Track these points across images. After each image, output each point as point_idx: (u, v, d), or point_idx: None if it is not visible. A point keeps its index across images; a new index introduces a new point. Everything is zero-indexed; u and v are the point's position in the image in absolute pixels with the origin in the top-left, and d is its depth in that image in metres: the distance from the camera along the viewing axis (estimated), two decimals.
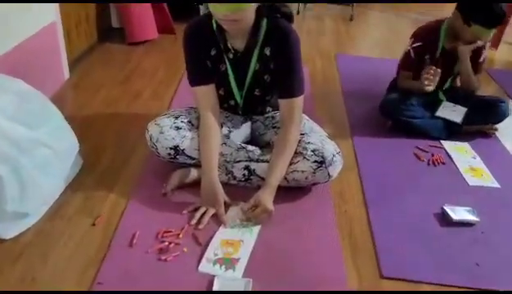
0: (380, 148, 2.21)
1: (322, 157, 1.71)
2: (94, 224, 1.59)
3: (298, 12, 4.31)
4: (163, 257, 1.46)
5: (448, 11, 2.28)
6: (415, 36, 2.31)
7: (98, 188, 1.78)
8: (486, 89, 2.86)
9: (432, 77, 2.13)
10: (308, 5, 4.60)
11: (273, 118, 1.98)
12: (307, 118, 1.94)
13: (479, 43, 2.20)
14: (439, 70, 2.15)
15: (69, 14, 2.76)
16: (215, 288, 1.35)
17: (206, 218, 1.62)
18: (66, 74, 2.67)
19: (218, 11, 1.56)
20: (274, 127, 1.94)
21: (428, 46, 2.27)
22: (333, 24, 4.18)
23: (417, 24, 4.27)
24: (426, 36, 2.28)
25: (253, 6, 1.60)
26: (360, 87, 2.84)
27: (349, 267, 1.50)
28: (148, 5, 3.30)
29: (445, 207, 1.76)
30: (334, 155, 1.73)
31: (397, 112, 2.26)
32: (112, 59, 3.08)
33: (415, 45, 2.28)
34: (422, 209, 1.79)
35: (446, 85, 2.35)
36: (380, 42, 3.91)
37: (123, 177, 1.86)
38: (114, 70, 2.90)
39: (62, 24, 2.60)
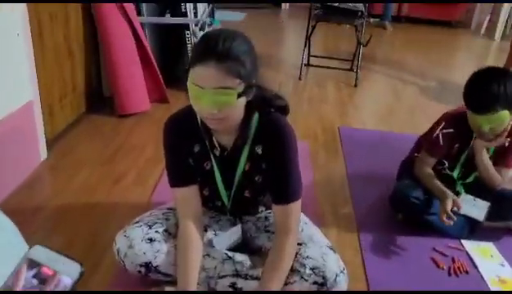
0: (392, 250, 1.91)
1: (323, 277, 1.43)
2: None
3: (300, 78, 4.13)
4: None
5: (455, 76, 2.04)
6: (447, 121, 2.03)
7: None
8: None
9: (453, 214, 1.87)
10: (312, 62, 4.43)
11: (266, 218, 1.71)
12: (305, 219, 1.67)
13: (499, 141, 1.93)
14: (461, 206, 1.88)
15: (51, 88, 2.57)
16: None
17: None
18: (43, 155, 2.43)
19: (203, 110, 1.34)
20: (267, 231, 1.67)
21: (460, 134, 1.99)
22: (336, 91, 3.98)
23: (423, 92, 4.13)
24: (459, 123, 1.98)
25: (242, 101, 1.36)
26: (366, 168, 2.58)
27: None
28: (140, 73, 3.11)
29: None
30: (337, 275, 1.44)
31: (409, 206, 1.98)
32: (98, 133, 2.85)
33: (445, 131, 2.00)
34: None
35: (470, 179, 2.07)
36: (386, 112, 3.68)
37: (92, 282, 1.58)
38: (98, 146, 2.66)
39: (42, 100, 2.39)
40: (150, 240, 1.50)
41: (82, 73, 2.96)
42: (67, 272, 0.61)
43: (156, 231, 1.53)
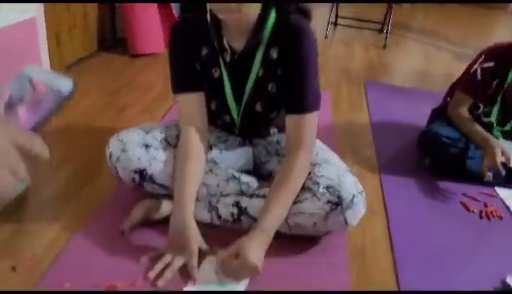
0: (416, 191, 1.72)
1: (338, 196, 1.25)
2: (14, 269, 1.15)
3: (326, 37, 3.91)
4: None
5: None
6: (488, 53, 1.81)
7: (38, 216, 1.36)
8: None
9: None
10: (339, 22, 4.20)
11: (278, 142, 1.53)
12: (322, 145, 1.49)
13: None
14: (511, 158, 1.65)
15: (59, 16, 2.43)
16: None
17: (169, 272, 1.16)
18: None
19: None
20: (279, 155, 1.50)
21: (500, 69, 1.76)
22: (363, 51, 3.76)
23: (458, 57, 3.86)
24: (500, 57, 1.76)
25: None
26: (392, 119, 2.37)
27: None
28: (156, 14, 2.94)
29: (508, 280, 1.25)
30: (354, 196, 1.26)
31: (440, 147, 1.77)
32: (108, 68, 2.71)
33: (485, 65, 1.78)
34: (474, 280, 1.29)
35: (508, 127, 1.84)
36: (417, 72, 3.45)
37: (76, 204, 1.44)
38: (107, 80, 2.52)
39: (49, 25, 2.24)
40: (146, 146, 1.34)
41: (93, 9, 2.81)
42: (59, 85, 0.60)
43: (154, 137, 1.37)
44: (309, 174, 1.31)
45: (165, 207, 1.35)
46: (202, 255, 1.21)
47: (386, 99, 2.70)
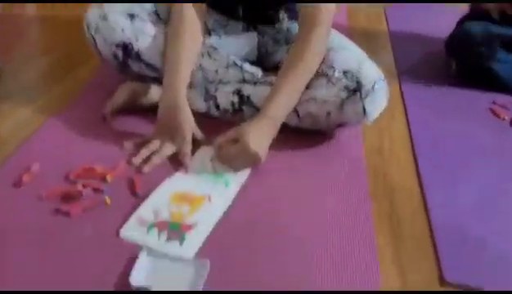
0: (440, 98, 1.53)
1: (357, 82, 1.06)
2: None
3: None
4: (64, 209, 0.84)
5: None
6: None
7: (12, 98, 1.19)
8: None
9: None
10: None
11: (289, 30, 1.33)
12: (338, 33, 1.28)
13: None
14: None
15: None
16: (137, 274, 0.72)
17: (158, 158, 1.00)
18: None
19: None
20: (288, 43, 1.30)
21: None
22: None
23: None
24: None
25: None
26: (413, 32, 2.12)
27: (387, 269, 0.84)
28: None
29: None
30: (375, 82, 1.08)
31: (469, 49, 1.57)
32: None
33: None
34: (500, 180, 1.13)
35: None
36: None
37: (57, 90, 1.27)
38: None
39: None
40: (132, 16, 1.14)
41: None
42: None
43: (142, 7, 1.17)
44: (324, 59, 1.12)
45: (154, 92, 1.17)
46: (196, 144, 1.04)
47: (407, 15, 2.44)
